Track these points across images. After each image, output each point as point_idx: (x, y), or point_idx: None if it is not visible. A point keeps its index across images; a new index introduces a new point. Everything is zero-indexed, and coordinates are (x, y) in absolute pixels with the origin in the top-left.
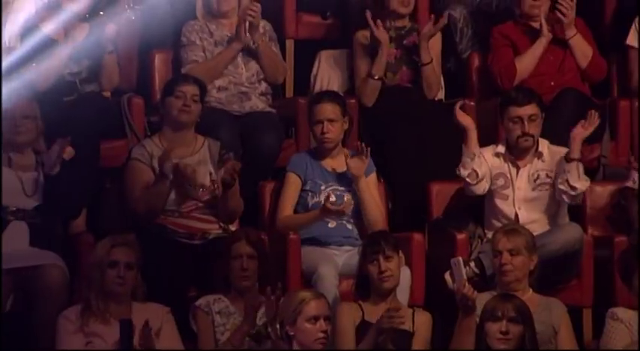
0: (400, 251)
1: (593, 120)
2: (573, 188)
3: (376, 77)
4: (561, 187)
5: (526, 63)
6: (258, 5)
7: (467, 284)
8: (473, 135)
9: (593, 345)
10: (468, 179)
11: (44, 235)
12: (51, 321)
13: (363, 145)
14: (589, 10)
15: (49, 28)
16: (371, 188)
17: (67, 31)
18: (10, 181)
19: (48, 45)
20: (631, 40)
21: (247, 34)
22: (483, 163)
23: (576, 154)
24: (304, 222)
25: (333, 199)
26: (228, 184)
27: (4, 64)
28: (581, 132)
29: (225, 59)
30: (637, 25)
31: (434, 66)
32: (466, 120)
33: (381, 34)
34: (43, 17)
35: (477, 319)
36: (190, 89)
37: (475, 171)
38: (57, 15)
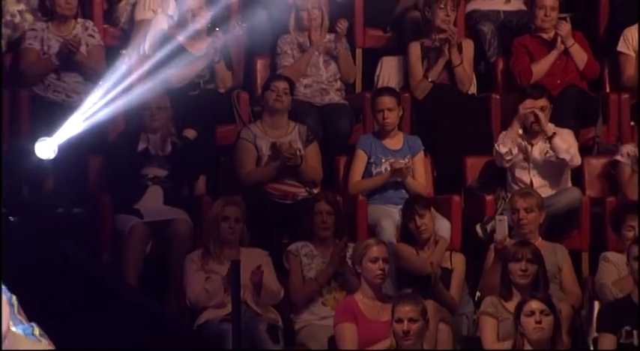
0: (432, 207)
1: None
2: (563, 160)
3: (430, 80)
4: (555, 160)
5: (541, 67)
6: (346, 22)
7: (507, 238)
8: (517, 125)
9: (589, 280)
10: (504, 156)
11: (174, 196)
12: (179, 262)
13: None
14: (587, 24)
15: (181, 39)
16: (418, 164)
17: (196, 43)
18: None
19: (178, 54)
20: (621, 47)
21: (332, 42)
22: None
23: (549, 133)
24: (371, 185)
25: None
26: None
27: (144, 68)
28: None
29: (306, 60)
30: (625, 36)
31: (464, 67)
32: (535, 112)
33: (445, 49)
34: (173, 32)
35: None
36: (282, 84)
37: (510, 150)
38: (184, 31)
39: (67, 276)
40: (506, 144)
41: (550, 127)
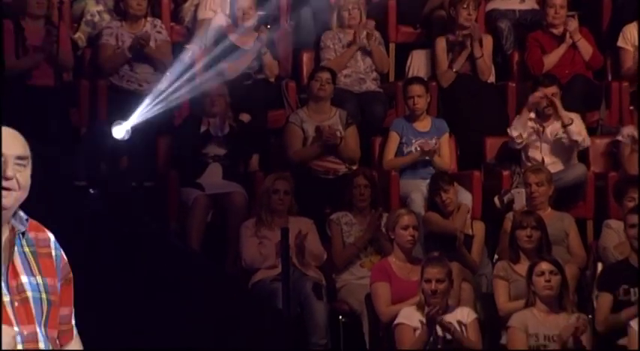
0: (455, 183)
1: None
2: (576, 141)
3: (454, 70)
4: (569, 142)
5: (551, 59)
6: (372, 22)
7: (525, 207)
8: (527, 113)
9: (593, 245)
10: (516, 139)
11: (232, 172)
12: (236, 229)
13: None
14: (592, 21)
15: (234, 37)
16: (444, 144)
17: (246, 39)
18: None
19: (232, 48)
20: (620, 42)
21: (365, 41)
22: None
23: (566, 121)
24: (403, 162)
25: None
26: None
27: (205, 60)
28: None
29: (348, 56)
30: (624, 32)
31: (484, 59)
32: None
33: (468, 43)
34: (229, 30)
35: None
36: (325, 75)
37: (521, 134)
38: (237, 28)
39: (139, 242)
40: (517, 129)
41: (566, 115)
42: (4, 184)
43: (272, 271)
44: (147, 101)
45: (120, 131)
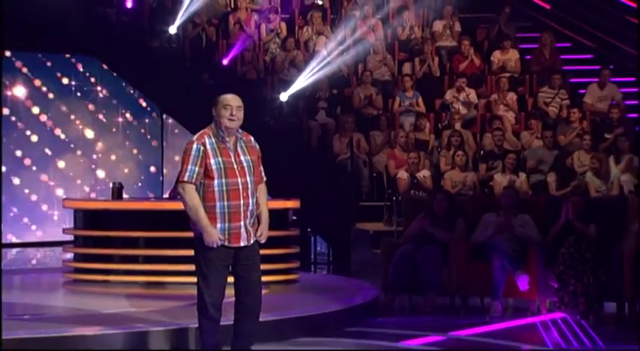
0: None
1: None
2: (472, 102)
3: (421, 71)
4: (469, 101)
5: (462, 66)
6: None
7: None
8: (451, 90)
9: (480, 143)
10: (447, 100)
11: (329, 113)
12: (331, 138)
13: None
14: (480, 49)
15: (328, 58)
16: (419, 103)
17: (334, 58)
18: None
19: (328, 63)
20: (492, 58)
21: (384, 60)
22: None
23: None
24: (400, 111)
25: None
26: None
27: (317, 67)
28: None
29: (378, 66)
30: (493, 55)
31: (435, 67)
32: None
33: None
34: (328, 54)
35: None
36: (367, 73)
37: (449, 98)
38: (331, 54)
39: (292, 145)
40: (448, 96)
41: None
42: (232, 118)
43: (346, 155)
44: (294, 84)
45: (283, 97)
